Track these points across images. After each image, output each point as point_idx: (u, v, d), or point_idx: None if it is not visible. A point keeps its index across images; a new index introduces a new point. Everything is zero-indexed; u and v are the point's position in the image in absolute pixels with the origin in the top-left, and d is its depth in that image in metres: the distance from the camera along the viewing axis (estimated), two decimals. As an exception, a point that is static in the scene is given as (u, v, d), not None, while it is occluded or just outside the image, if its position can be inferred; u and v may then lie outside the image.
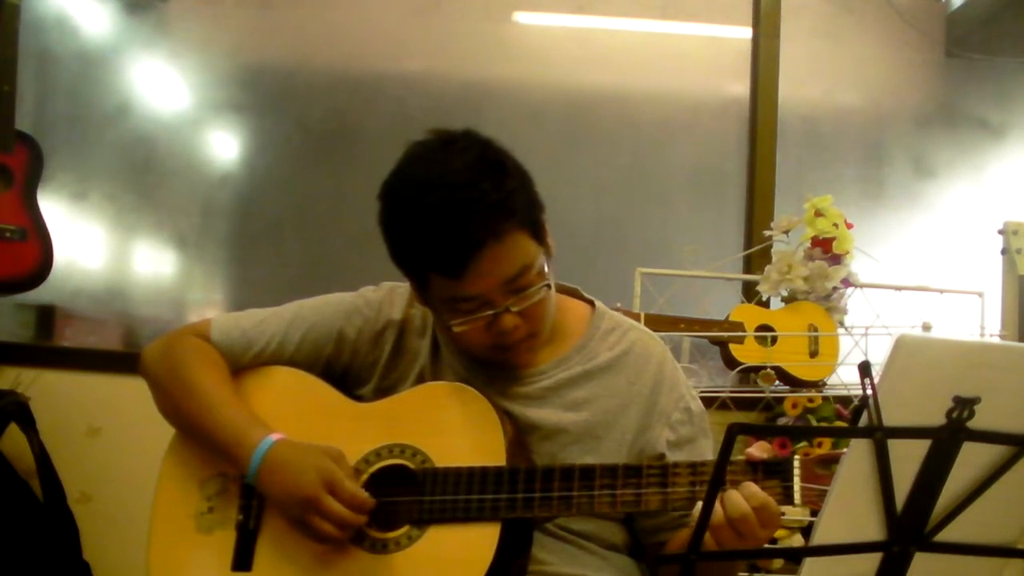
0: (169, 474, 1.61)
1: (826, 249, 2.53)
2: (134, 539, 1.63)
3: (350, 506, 1.43)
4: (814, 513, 1.26)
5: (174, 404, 1.61)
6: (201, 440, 1.58)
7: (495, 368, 1.58)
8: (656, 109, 3.13)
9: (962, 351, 1.01)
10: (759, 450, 1.36)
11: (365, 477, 1.51)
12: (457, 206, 1.41)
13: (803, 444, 2.44)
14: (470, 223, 1.41)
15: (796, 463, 1.33)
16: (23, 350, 2.87)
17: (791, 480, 1.33)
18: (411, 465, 1.49)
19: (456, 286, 1.44)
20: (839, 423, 2.47)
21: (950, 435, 1.00)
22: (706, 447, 1.59)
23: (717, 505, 1.30)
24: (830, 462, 1.31)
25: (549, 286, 1.50)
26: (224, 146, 3.21)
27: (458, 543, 1.43)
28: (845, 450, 1.03)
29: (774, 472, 1.34)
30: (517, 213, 1.45)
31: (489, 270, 1.43)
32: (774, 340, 2.50)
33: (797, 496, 1.32)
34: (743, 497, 1.30)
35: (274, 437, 1.49)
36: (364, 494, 1.44)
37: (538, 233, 1.49)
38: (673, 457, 1.54)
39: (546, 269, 1.50)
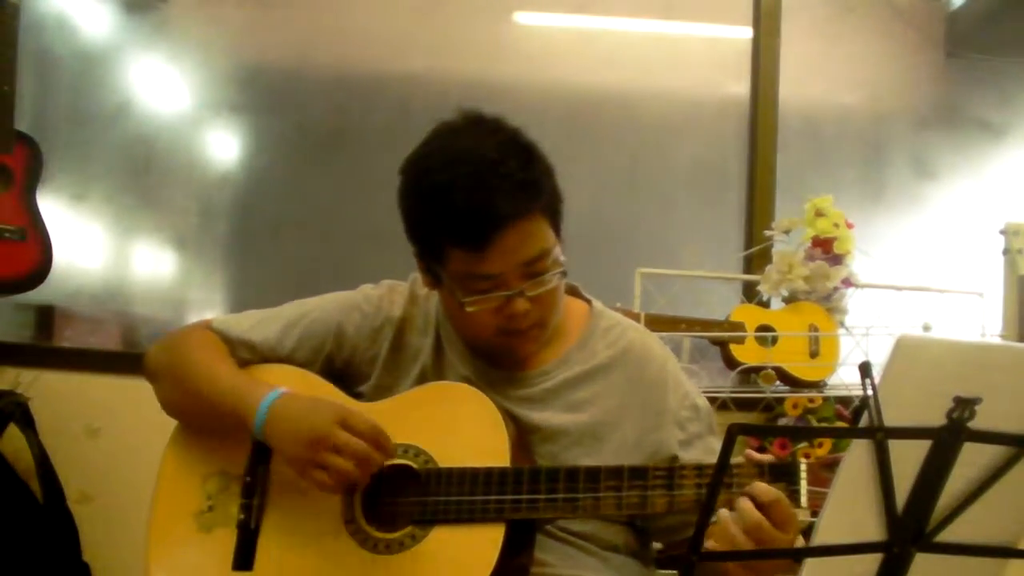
0: (169, 472, 1.61)
1: (827, 249, 2.53)
2: (134, 539, 1.62)
3: (368, 439, 1.40)
4: (815, 514, 1.26)
5: (177, 388, 1.60)
6: (206, 414, 1.56)
7: (497, 365, 1.58)
8: (656, 109, 3.13)
9: (962, 351, 1.01)
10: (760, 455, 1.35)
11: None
12: (487, 179, 1.42)
13: (804, 444, 2.44)
14: (498, 197, 1.41)
15: (803, 466, 1.32)
16: (23, 350, 2.86)
17: (798, 483, 1.32)
18: (415, 465, 1.49)
19: (476, 261, 1.44)
20: (840, 423, 2.47)
21: (950, 435, 1.00)
22: (715, 444, 1.58)
23: (732, 521, 1.27)
24: (837, 465, 1.30)
25: (564, 273, 1.51)
26: (224, 146, 3.20)
27: (462, 544, 1.43)
28: (847, 450, 1.03)
29: (781, 475, 1.33)
30: (542, 197, 1.46)
31: (511, 248, 1.43)
32: (775, 340, 2.50)
33: (804, 499, 1.31)
34: (752, 501, 1.27)
35: (282, 389, 1.49)
36: (383, 431, 1.42)
37: (557, 223, 1.51)
38: (686, 456, 1.53)
39: (561, 258, 1.51)
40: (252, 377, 1.57)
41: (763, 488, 1.28)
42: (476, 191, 1.42)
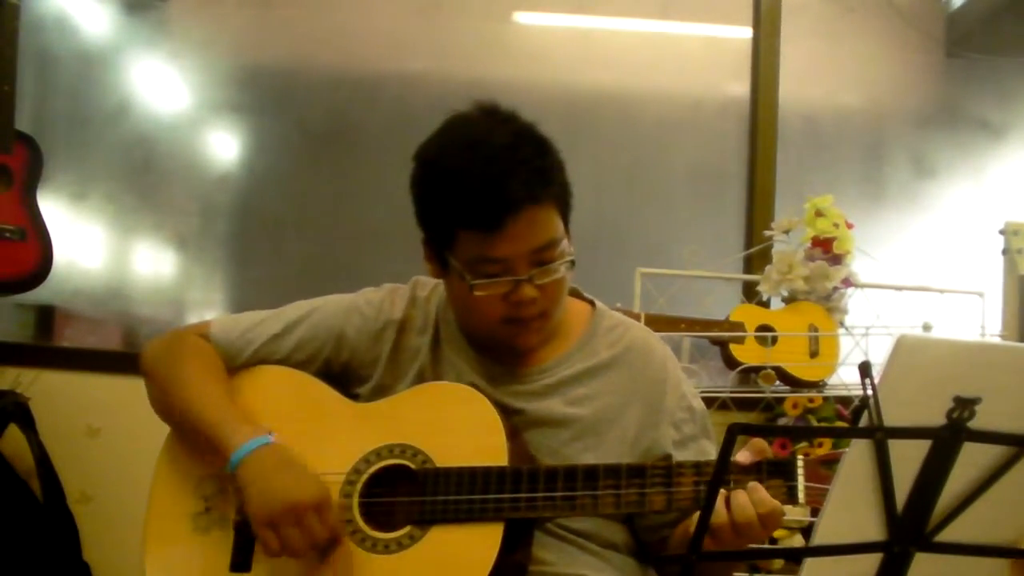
0: (165, 473, 1.61)
1: (826, 249, 2.53)
2: (134, 539, 1.62)
3: (329, 532, 1.43)
4: (815, 513, 1.26)
5: (166, 397, 1.60)
6: (188, 430, 1.57)
7: (498, 362, 1.58)
8: (656, 109, 3.13)
9: (962, 351, 1.01)
10: (745, 456, 1.35)
11: (365, 478, 1.50)
12: (501, 164, 1.43)
13: (803, 444, 2.44)
14: (513, 181, 1.42)
15: (800, 463, 1.33)
16: (23, 350, 2.86)
17: (795, 480, 1.33)
18: (412, 465, 1.49)
19: (487, 244, 1.44)
20: (839, 423, 2.47)
21: (950, 435, 1.00)
22: (708, 447, 1.59)
23: (721, 506, 1.30)
24: (833, 462, 1.30)
25: (573, 263, 1.51)
26: (224, 146, 3.20)
27: (460, 543, 1.43)
28: (847, 450, 1.03)
29: (778, 472, 1.33)
30: (554, 186, 1.48)
31: (522, 233, 1.44)
32: (774, 340, 2.50)
33: (801, 496, 1.31)
34: (751, 502, 1.30)
35: (268, 437, 1.49)
36: (342, 533, 1.46)
37: (566, 216, 1.52)
38: (679, 456, 1.54)
39: (570, 249, 1.52)
40: (236, 413, 1.54)
41: (762, 496, 1.30)
42: (491, 175, 1.43)
